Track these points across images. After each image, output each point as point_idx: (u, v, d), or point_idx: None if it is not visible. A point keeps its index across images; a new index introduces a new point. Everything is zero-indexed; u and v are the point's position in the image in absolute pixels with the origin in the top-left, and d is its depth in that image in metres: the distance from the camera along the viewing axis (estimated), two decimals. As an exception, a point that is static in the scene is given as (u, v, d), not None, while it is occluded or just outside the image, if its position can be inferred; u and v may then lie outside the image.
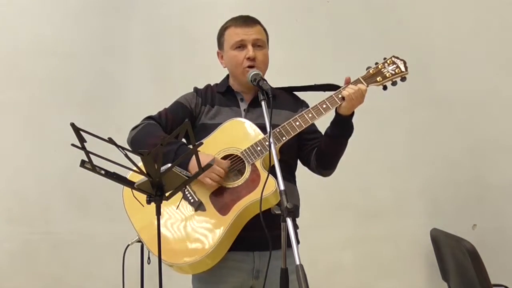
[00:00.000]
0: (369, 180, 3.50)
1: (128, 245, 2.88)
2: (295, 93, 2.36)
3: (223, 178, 2.07)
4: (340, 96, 2.09)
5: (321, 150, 2.19)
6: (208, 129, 2.18)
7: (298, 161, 2.31)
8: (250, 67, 2.16)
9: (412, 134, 3.52)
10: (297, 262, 1.63)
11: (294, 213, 1.71)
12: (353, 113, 2.13)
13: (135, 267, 2.96)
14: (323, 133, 2.23)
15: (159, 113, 2.27)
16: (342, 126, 2.13)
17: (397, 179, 3.52)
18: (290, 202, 1.70)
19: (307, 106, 2.28)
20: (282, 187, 1.77)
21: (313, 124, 2.21)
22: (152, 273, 2.23)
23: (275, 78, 2.30)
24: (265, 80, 2.11)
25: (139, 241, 2.21)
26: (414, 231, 3.47)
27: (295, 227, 2.22)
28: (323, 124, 2.23)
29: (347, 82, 2.14)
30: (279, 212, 1.71)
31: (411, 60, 2.20)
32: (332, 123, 2.15)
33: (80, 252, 3.45)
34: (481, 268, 2.66)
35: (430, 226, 3.35)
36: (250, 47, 2.17)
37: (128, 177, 1.87)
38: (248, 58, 2.17)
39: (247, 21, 2.22)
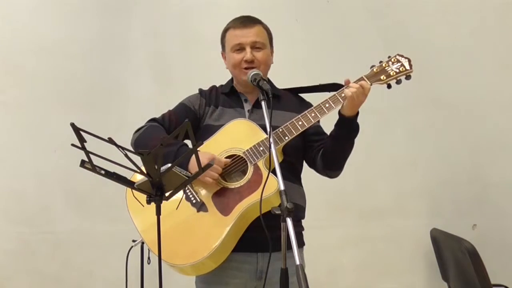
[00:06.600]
0: (369, 180, 3.50)
1: (132, 247, 2.89)
2: (300, 94, 2.35)
3: (221, 173, 2.04)
4: (343, 95, 2.08)
5: (327, 151, 2.16)
6: (212, 131, 2.17)
7: (304, 163, 2.29)
8: (247, 68, 2.16)
9: (412, 134, 3.52)
10: (297, 262, 1.62)
11: (294, 213, 1.70)
12: (357, 113, 2.10)
13: (135, 267, 2.96)
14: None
15: (163, 115, 2.26)
16: (347, 127, 2.10)
17: (397, 179, 3.52)
18: (293, 202, 1.70)
19: None
20: (282, 187, 1.76)
21: (319, 126, 2.21)
22: (152, 273, 2.22)
23: (275, 78, 2.30)
24: (266, 80, 2.10)
25: (144, 242, 2.20)
26: (414, 231, 3.47)
27: (300, 228, 2.22)
28: (327, 124, 2.23)
29: (347, 84, 2.11)
30: (279, 212, 1.70)
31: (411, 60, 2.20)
32: (337, 124, 2.13)
33: (80, 252, 3.45)
34: (481, 268, 2.66)
35: (430, 226, 3.35)
36: (248, 50, 2.17)
37: (131, 177, 1.86)
38: (246, 61, 2.17)
39: (245, 22, 2.20)
